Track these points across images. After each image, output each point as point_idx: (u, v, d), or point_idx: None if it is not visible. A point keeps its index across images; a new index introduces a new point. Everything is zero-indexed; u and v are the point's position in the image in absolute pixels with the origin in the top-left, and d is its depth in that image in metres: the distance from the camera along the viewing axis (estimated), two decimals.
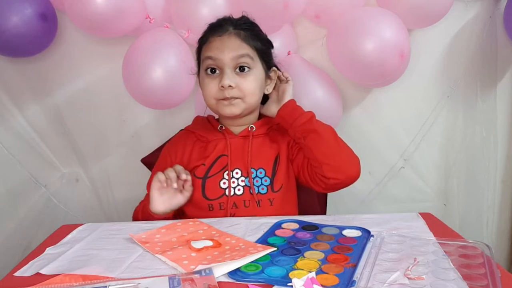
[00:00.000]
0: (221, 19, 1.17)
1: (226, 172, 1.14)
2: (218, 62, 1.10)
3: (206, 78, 1.12)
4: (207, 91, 1.13)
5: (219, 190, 1.14)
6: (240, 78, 1.10)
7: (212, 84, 1.11)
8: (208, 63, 1.11)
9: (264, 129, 1.19)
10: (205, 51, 1.13)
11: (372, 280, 0.70)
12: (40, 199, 1.61)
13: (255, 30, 1.17)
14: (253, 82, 1.12)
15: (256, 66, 1.13)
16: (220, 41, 1.11)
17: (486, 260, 0.75)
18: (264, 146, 1.18)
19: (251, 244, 0.86)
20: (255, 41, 1.14)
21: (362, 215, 1.05)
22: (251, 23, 1.17)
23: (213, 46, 1.11)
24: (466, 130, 1.60)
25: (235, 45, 1.11)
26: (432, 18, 1.39)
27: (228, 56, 1.09)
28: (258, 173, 1.15)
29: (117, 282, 0.72)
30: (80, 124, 1.57)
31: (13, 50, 1.38)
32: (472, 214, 1.66)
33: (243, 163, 1.15)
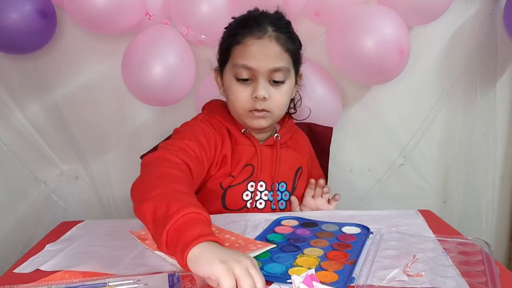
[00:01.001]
0: (258, 14, 1.04)
1: (251, 184, 1.08)
2: (253, 71, 1.01)
3: (237, 85, 1.03)
4: (238, 100, 1.03)
5: (241, 201, 1.07)
6: (273, 89, 1.03)
7: (245, 93, 1.02)
8: (240, 72, 1.01)
9: (287, 137, 1.15)
10: (239, 56, 1.01)
11: (371, 277, 0.70)
12: (40, 196, 1.61)
13: (291, 30, 1.07)
14: (285, 94, 1.05)
15: (290, 77, 1.05)
16: (259, 47, 1.00)
17: (485, 257, 0.75)
18: (289, 157, 1.13)
19: (250, 241, 0.86)
20: (292, 44, 1.05)
21: (361, 212, 1.05)
22: (287, 21, 1.08)
23: (250, 52, 1.00)
24: (466, 128, 1.60)
25: (275, 54, 1.01)
26: (432, 15, 1.39)
27: (265, 66, 1.00)
28: (279, 187, 1.12)
29: (116, 278, 0.72)
30: (80, 121, 1.57)
31: (12, 47, 1.38)
32: (471, 211, 1.66)
33: (269, 176, 1.09)
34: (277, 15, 1.07)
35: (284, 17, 1.08)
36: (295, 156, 1.15)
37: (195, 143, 0.97)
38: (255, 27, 1.01)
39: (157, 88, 1.30)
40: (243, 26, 1.03)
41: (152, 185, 0.77)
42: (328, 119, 1.42)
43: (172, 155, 0.89)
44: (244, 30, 1.02)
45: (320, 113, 1.40)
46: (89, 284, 0.70)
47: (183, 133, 1.00)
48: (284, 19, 1.08)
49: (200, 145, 0.98)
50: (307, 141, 1.26)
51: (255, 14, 1.05)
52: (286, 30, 1.05)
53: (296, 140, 1.19)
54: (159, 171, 0.83)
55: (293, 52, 1.05)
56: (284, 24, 1.06)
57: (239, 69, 1.01)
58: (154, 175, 0.82)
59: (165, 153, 0.90)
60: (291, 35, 1.06)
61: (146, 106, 1.51)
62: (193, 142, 0.97)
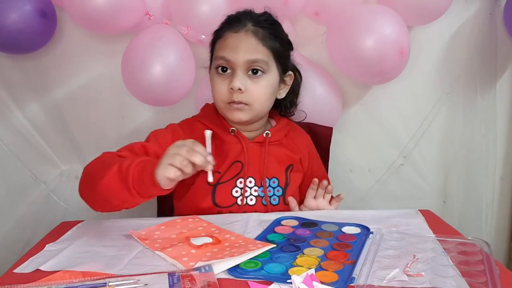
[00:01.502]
0: (241, 12, 1.10)
1: (240, 180, 1.10)
2: (231, 63, 1.05)
3: (217, 77, 1.07)
4: (216, 92, 1.08)
5: (230, 198, 1.10)
6: (251, 81, 1.05)
7: (222, 85, 1.06)
8: (219, 63, 1.06)
9: (280, 135, 1.16)
10: (218, 49, 1.08)
11: (371, 277, 0.70)
12: (40, 196, 1.61)
13: (275, 28, 1.10)
14: (264, 88, 1.07)
15: (270, 71, 1.07)
16: (236, 39, 1.05)
17: (485, 257, 0.75)
18: (280, 154, 1.15)
19: (250, 241, 0.86)
20: (274, 41, 1.07)
21: (361, 212, 1.05)
22: (273, 20, 1.11)
23: (227, 45, 1.05)
24: (466, 127, 1.60)
25: (250, 46, 1.04)
26: (432, 15, 1.39)
27: (241, 58, 1.04)
28: (271, 183, 1.13)
29: (116, 278, 0.72)
30: (80, 121, 1.57)
31: (12, 47, 1.38)
32: (471, 211, 1.66)
33: (258, 172, 1.11)
34: (263, 14, 1.11)
35: (270, 17, 1.12)
36: (286, 153, 1.16)
37: (153, 143, 1.05)
38: (235, 22, 1.07)
39: (157, 88, 1.30)
40: (226, 23, 1.10)
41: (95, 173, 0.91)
42: (328, 119, 1.42)
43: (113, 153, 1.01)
44: (226, 25, 1.09)
45: (320, 113, 1.40)
46: (89, 284, 0.70)
47: (147, 138, 1.08)
48: (270, 18, 1.11)
49: (161, 146, 1.03)
50: (306, 141, 1.26)
51: (239, 12, 1.11)
52: (267, 26, 1.08)
53: (292, 138, 1.20)
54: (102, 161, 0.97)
55: (274, 48, 1.08)
56: (267, 22, 1.09)
57: (219, 61, 1.07)
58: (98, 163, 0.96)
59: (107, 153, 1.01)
60: (274, 32, 1.09)
61: (146, 106, 1.51)
62: (150, 143, 1.05)
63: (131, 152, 1.02)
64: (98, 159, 0.99)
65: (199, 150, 0.81)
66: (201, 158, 0.80)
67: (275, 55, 1.08)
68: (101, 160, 0.97)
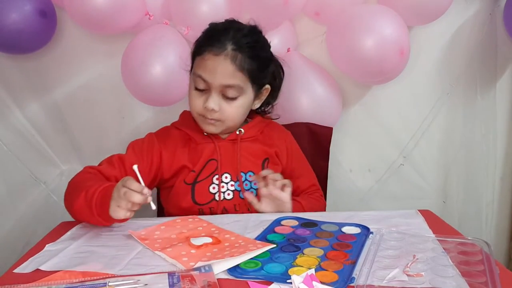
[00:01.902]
0: (222, 29, 1.09)
1: (216, 177, 1.14)
2: (207, 84, 1.07)
3: (194, 91, 1.10)
4: (192, 104, 1.11)
5: (208, 195, 1.13)
6: (225, 103, 1.08)
7: (198, 101, 1.09)
8: (197, 81, 1.08)
9: (254, 131, 1.18)
10: (197, 67, 1.09)
11: (371, 277, 0.70)
12: (40, 196, 1.61)
13: (256, 48, 1.10)
14: (237, 108, 1.10)
15: (245, 93, 1.10)
16: (214, 62, 1.06)
17: (485, 257, 0.75)
18: (254, 149, 1.17)
19: (250, 241, 0.86)
20: (252, 64, 1.08)
21: (361, 212, 1.05)
22: (255, 40, 1.11)
23: (206, 66, 1.06)
24: (466, 127, 1.60)
25: (227, 71, 1.06)
26: (432, 15, 1.39)
27: (218, 81, 1.06)
28: (247, 176, 1.15)
29: (116, 278, 0.72)
30: (80, 121, 1.57)
31: (12, 47, 1.38)
32: (471, 211, 1.66)
33: (232, 167, 1.15)
34: (245, 32, 1.09)
35: (253, 35, 1.10)
36: (260, 148, 1.18)
37: (129, 155, 1.12)
38: (216, 43, 1.07)
39: (157, 88, 1.30)
40: (207, 38, 1.10)
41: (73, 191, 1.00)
42: (328, 119, 1.42)
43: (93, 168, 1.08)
44: (206, 43, 1.08)
45: (320, 113, 1.40)
46: (89, 284, 0.70)
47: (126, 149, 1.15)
48: (252, 36, 1.10)
49: (136, 156, 1.12)
50: (285, 137, 1.25)
51: (220, 28, 1.10)
52: (248, 47, 1.07)
53: (268, 134, 1.21)
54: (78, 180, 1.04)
55: (251, 72, 1.08)
56: (248, 43, 1.08)
57: (197, 79, 1.08)
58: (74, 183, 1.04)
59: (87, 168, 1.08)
60: (253, 54, 1.08)
61: (146, 106, 1.51)
62: (127, 154, 1.13)
63: (110, 165, 1.09)
64: (77, 177, 1.05)
65: (134, 189, 0.86)
66: (139, 197, 0.85)
67: (251, 78, 1.09)
68: (79, 180, 1.04)
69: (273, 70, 1.18)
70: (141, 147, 1.14)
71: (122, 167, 1.10)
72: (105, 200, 0.89)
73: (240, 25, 1.12)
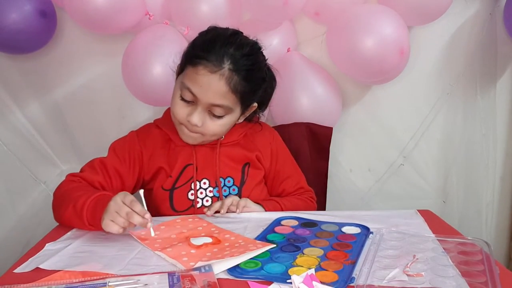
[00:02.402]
0: (222, 44, 1.01)
1: (193, 183, 1.11)
2: (195, 98, 1.02)
3: (179, 100, 1.04)
4: (174, 111, 1.06)
5: (187, 201, 1.11)
6: (210, 119, 1.04)
7: (181, 110, 1.04)
8: (185, 92, 1.03)
9: (235, 136, 1.14)
10: (188, 79, 1.02)
11: (371, 277, 0.70)
12: (40, 196, 1.61)
13: (254, 70, 1.05)
14: (221, 126, 1.07)
15: (232, 112, 1.06)
16: (208, 80, 0.99)
17: (485, 257, 0.75)
18: (234, 153, 1.14)
19: (250, 240, 0.86)
20: (247, 85, 1.03)
21: (361, 212, 1.05)
22: (253, 62, 1.04)
23: (198, 81, 1.00)
24: (466, 127, 1.60)
25: (220, 92, 1.00)
26: (432, 15, 1.39)
27: (207, 99, 1.01)
28: (226, 182, 1.13)
29: (116, 278, 0.72)
30: (80, 121, 1.57)
31: (12, 47, 1.38)
32: (471, 211, 1.66)
33: (211, 173, 1.12)
34: (246, 50, 1.03)
35: (251, 55, 1.04)
36: (240, 152, 1.15)
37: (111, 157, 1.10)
38: (213, 57, 1.00)
39: (157, 88, 1.30)
40: (203, 49, 1.02)
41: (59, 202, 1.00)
42: (328, 119, 1.42)
43: (75, 175, 1.07)
44: (202, 55, 1.00)
45: (320, 113, 1.40)
46: (89, 284, 0.70)
47: (108, 151, 1.13)
48: (250, 56, 1.03)
49: (118, 158, 1.10)
50: (269, 139, 1.20)
51: (221, 41, 1.02)
52: (245, 67, 1.02)
53: (251, 138, 1.18)
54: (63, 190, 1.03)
55: (243, 93, 1.04)
56: (245, 64, 1.02)
57: (185, 90, 1.03)
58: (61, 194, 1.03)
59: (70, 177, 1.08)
60: (249, 76, 1.03)
61: (146, 106, 1.51)
62: (108, 157, 1.10)
63: (92, 170, 1.07)
64: (62, 187, 1.04)
65: (137, 210, 0.86)
66: (140, 220, 0.85)
67: (242, 99, 1.05)
68: (64, 190, 1.02)
69: (266, 87, 1.12)
70: (123, 148, 1.11)
71: (105, 171, 1.07)
72: (97, 210, 0.89)
73: (241, 40, 1.05)
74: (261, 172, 1.18)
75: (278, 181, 1.20)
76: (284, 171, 1.21)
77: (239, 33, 1.07)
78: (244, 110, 1.10)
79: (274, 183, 1.20)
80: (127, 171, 1.10)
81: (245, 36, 1.08)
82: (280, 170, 1.20)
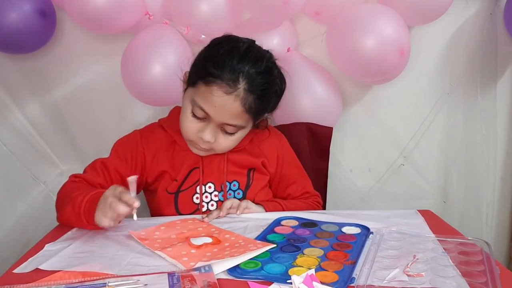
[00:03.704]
0: (237, 61, 0.97)
1: (199, 186, 1.10)
2: (208, 117, 1.01)
3: (190, 116, 1.03)
4: (184, 126, 1.04)
5: (192, 205, 1.10)
6: (222, 135, 1.04)
7: (192, 126, 1.03)
8: (197, 110, 1.01)
9: (242, 143, 1.12)
10: (201, 98, 0.99)
11: (371, 277, 0.70)
12: (39, 196, 1.61)
13: (268, 86, 1.02)
14: (233, 141, 1.07)
15: (244, 128, 1.06)
16: (223, 101, 0.97)
17: (485, 257, 0.75)
18: (240, 159, 1.13)
19: (250, 241, 0.86)
20: (261, 104, 1.02)
21: (361, 212, 1.05)
22: (269, 80, 1.02)
23: (212, 102, 0.98)
24: (466, 127, 1.60)
25: (234, 112, 0.99)
26: (432, 15, 1.39)
27: (221, 119, 1.00)
28: (231, 186, 1.12)
29: (116, 279, 0.72)
30: (79, 121, 1.57)
31: (12, 47, 1.38)
32: (471, 211, 1.66)
33: (216, 177, 1.11)
34: (262, 67, 1.01)
35: (267, 74, 1.02)
36: (246, 158, 1.14)
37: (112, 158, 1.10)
38: (228, 76, 0.97)
39: (157, 88, 1.30)
40: (217, 67, 0.98)
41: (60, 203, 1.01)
42: (328, 119, 1.42)
43: (78, 176, 1.08)
44: (216, 73, 0.97)
45: (320, 113, 1.40)
46: (89, 284, 0.70)
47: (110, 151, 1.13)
48: (266, 75, 1.01)
49: (120, 159, 1.10)
50: (277, 144, 1.20)
51: (236, 57, 0.98)
52: (261, 89, 1.00)
53: (257, 144, 1.16)
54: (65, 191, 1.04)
55: (257, 112, 1.03)
56: (261, 85, 1.00)
57: (197, 108, 1.01)
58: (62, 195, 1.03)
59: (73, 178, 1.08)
60: (264, 96, 1.02)
61: (145, 106, 1.51)
62: (110, 158, 1.10)
63: (94, 172, 1.08)
64: (64, 188, 1.05)
65: (126, 200, 0.85)
66: (124, 209, 0.84)
67: (256, 116, 1.05)
68: (65, 191, 1.03)
69: (279, 99, 1.10)
70: (125, 149, 1.11)
71: (106, 172, 1.08)
72: (93, 208, 0.90)
73: (256, 55, 1.01)
74: (266, 177, 1.17)
75: (283, 186, 1.19)
76: (290, 176, 1.20)
77: (254, 45, 1.05)
78: (254, 123, 1.10)
79: (279, 187, 1.20)
80: (128, 172, 1.09)
81: (259, 48, 1.05)
82: (286, 175, 1.20)
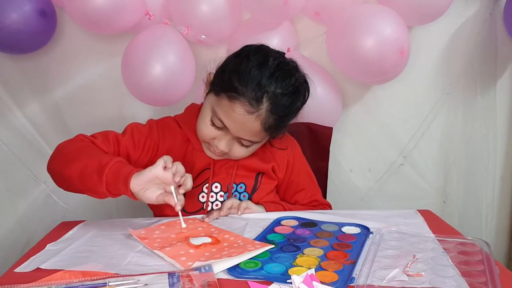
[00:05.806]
0: (266, 80, 0.96)
1: (206, 186, 1.10)
2: (227, 129, 1.01)
3: (209, 123, 1.02)
4: (202, 131, 1.05)
5: (197, 203, 1.10)
6: (237, 145, 1.05)
7: (210, 133, 1.03)
8: (216, 120, 1.01)
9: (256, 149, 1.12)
10: (222, 110, 0.99)
11: (371, 277, 0.70)
12: (40, 196, 1.61)
13: (292, 109, 1.02)
14: (247, 152, 1.07)
15: (260, 142, 1.07)
16: (243, 119, 0.97)
17: (485, 257, 0.75)
18: (250, 163, 1.13)
19: (249, 241, 0.86)
20: (280, 124, 1.02)
21: (361, 212, 1.05)
22: (293, 102, 1.01)
23: (232, 118, 0.98)
24: (466, 127, 1.60)
25: (253, 131, 0.99)
26: (432, 15, 1.39)
27: (239, 134, 1.01)
28: (238, 188, 1.12)
29: (116, 278, 0.72)
30: (80, 121, 1.57)
31: (12, 47, 1.38)
32: (471, 211, 1.66)
33: (224, 178, 1.11)
34: (290, 89, 0.99)
35: (294, 91, 1.01)
36: (256, 162, 1.13)
37: (127, 139, 1.08)
38: (252, 95, 0.95)
39: (157, 88, 1.30)
40: (242, 82, 0.96)
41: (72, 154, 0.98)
42: (328, 119, 1.42)
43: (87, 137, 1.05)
44: (240, 89, 0.96)
45: (320, 113, 1.40)
46: (89, 284, 0.70)
47: (125, 129, 1.11)
48: (293, 94, 1.00)
49: (134, 143, 1.08)
50: (288, 150, 1.18)
51: (262, 73, 0.97)
52: (283, 111, 1.00)
53: (269, 148, 1.16)
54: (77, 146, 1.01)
55: (275, 129, 1.03)
56: (283, 105, 0.99)
57: (216, 118, 1.01)
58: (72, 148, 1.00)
59: (82, 136, 1.06)
60: (284, 120, 1.03)
61: (146, 106, 1.51)
62: (126, 137, 1.08)
63: (105, 140, 1.05)
64: (74, 141, 1.03)
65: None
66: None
67: (273, 134, 1.06)
68: (79, 144, 1.01)
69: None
70: (140, 135, 1.09)
71: (117, 147, 1.06)
72: (118, 173, 0.89)
73: (285, 72, 1.00)
74: (275, 182, 1.17)
75: (291, 193, 1.19)
76: (299, 183, 1.19)
77: (284, 60, 1.03)
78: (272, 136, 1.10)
79: (287, 193, 1.19)
80: (137, 158, 1.08)
81: (289, 64, 1.03)
82: (294, 182, 1.19)
